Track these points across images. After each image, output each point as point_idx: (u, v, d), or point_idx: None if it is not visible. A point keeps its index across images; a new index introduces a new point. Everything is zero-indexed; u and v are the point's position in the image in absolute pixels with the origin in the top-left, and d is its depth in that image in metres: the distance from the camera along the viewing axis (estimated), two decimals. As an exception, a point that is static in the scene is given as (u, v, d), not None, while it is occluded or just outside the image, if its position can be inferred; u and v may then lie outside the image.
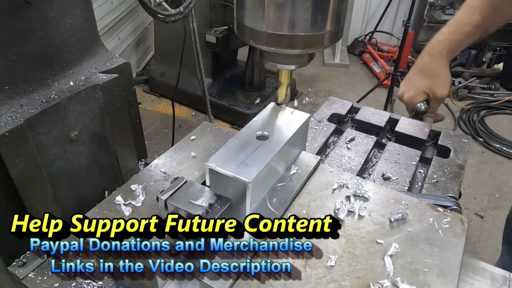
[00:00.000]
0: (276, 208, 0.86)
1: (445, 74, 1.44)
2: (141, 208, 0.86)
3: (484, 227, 3.05)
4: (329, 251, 0.78)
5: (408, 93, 1.47)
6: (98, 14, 3.32)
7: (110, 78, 1.25)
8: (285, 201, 0.87)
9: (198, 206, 0.77)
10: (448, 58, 1.42)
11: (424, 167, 1.38)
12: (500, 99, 4.43)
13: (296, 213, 0.86)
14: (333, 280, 0.73)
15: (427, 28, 5.45)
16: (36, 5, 1.04)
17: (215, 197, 0.80)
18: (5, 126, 1.01)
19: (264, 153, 0.85)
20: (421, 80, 1.44)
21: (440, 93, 1.44)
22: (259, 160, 0.83)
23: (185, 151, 1.05)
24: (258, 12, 0.81)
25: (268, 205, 0.86)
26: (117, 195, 0.88)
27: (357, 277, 0.73)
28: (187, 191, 0.80)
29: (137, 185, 0.91)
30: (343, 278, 0.73)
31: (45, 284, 1.14)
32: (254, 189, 0.80)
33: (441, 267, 0.75)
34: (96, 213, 0.84)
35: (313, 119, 1.52)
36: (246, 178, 0.78)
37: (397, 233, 0.83)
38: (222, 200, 0.80)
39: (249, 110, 3.82)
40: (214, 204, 0.79)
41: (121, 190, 0.91)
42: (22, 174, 1.07)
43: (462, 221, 0.86)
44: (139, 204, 0.86)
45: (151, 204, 0.87)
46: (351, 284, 0.72)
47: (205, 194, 0.79)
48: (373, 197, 0.91)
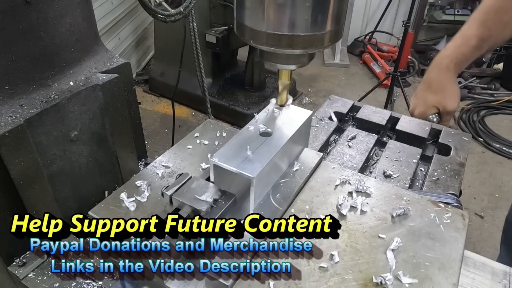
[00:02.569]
0: (279, 203, 0.87)
1: (453, 87, 1.46)
2: (146, 204, 0.87)
3: (484, 227, 3.05)
4: (332, 245, 0.79)
5: (418, 109, 1.50)
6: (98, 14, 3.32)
7: (110, 78, 1.25)
8: (288, 197, 0.88)
9: (203, 201, 0.78)
10: (456, 71, 1.44)
11: (425, 165, 1.38)
12: (500, 99, 4.43)
13: (299, 208, 0.87)
14: (336, 274, 0.74)
15: (427, 28, 5.46)
16: (36, 5, 1.04)
17: (219, 193, 0.81)
18: (5, 126, 1.01)
19: (267, 149, 0.86)
20: (430, 95, 1.47)
21: (450, 107, 1.46)
22: (262, 156, 0.84)
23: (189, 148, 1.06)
24: (258, 12, 0.81)
25: (271, 201, 0.87)
26: (122, 191, 0.89)
27: (360, 270, 0.74)
28: (191, 187, 0.82)
29: (142, 181, 0.92)
30: (346, 272, 0.74)
31: (45, 284, 1.14)
32: (258, 184, 0.81)
33: (442, 261, 0.76)
34: (102, 208, 0.85)
35: (314, 117, 1.52)
36: (250, 174, 0.79)
37: (399, 228, 0.84)
38: (226, 195, 0.81)
39: (249, 110, 3.82)
40: (219, 199, 0.80)
41: (126, 186, 0.91)
42: (22, 174, 1.07)
43: (463, 216, 0.87)
44: (145, 199, 0.87)
45: (156, 200, 0.87)
46: (354, 278, 0.73)
47: (210, 190, 0.81)
48: (375, 193, 0.92)
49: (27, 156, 1.07)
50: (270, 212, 0.84)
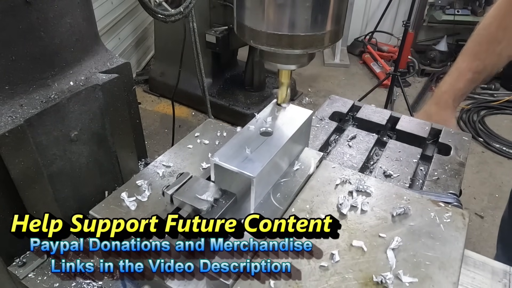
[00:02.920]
0: (280, 203, 0.87)
1: (452, 121, 1.55)
2: (147, 203, 0.87)
3: (484, 227, 3.05)
4: (332, 244, 0.79)
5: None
6: (98, 14, 3.32)
7: (110, 78, 1.25)
8: (288, 196, 0.89)
9: (204, 201, 0.78)
10: (455, 106, 1.53)
11: (425, 164, 1.38)
12: (500, 99, 4.43)
13: (299, 208, 0.87)
14: (337, 273, 0.74)
15: (427, 28, 5.46)
16: (36, 5, 1.04)
17: (220, 192, 0.81)
18: (5, 126, 1.01)
19: (268, 149, 0.87)
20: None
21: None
22: (263, 155, 0.84)
23: (190, 147, 1.06)
24: (258, 12, 0.81)
25: (272, 200, 0.87)
26: (123, 191, 0.89)
27: (360, 269, 0.74)
28: (192, 186, 0.82)
29: (143, 180, 0.92)
30: (347, 271, 0.74)
31: (45, 284, 1.14)
32: (259, 184, 0.82)
33: (443, 260, 0.77)
34: (103, 207, 0.85)
35: (314, 117, 1.52)
36: (251, 173, 0.79)
37: (399, 227, 0.84)
38: (227, 195, 0.82)
39: (249, 110, 3.82)
40: (219, 199, 0.80)
41: (127, 185, 0.91)
42: (22, 174, 1.07)
43: (463, 215, 0.87)
44: (145, 199, 0.87)
45: (156, 199, 0.88)
46: (354, 277, 0.73)
47: (210, 189, 0.81)
48: (375, 192, 0.92)
49: (27, 156, 1.07)
50: (271, 211, 0.84)
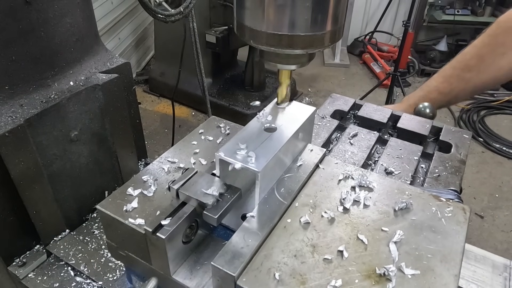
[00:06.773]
0: (284, 197, 0.88)
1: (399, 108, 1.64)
2: (153, 198, 0.88)
3: (484, 227, 3.05)
4: (336, 238, 0.80)
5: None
6: (98, 14, 3.33)
7: (110, 78, 1.25)
8: (292, 191, 0.90)
9: (209, 195, 0.79)
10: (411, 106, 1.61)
11: (426, 162, 1.39)
12: (500, 99, 4.43)
13: (303, 202, 0.88)
14: (340, 266, 0.74)
15: (427, 28, 5.46)
16: (36, 5, 1.04)
17: (225, 187, 0.82)
18: (5, 126, 1.01)
19: (272, 144, 0.88)
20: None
21: None
22: (267, 150, 0.85)
23: (194, 143, 1.08)
24: (258, 12, 0.81)
25: (276, 195, 0.88)
26: (129, 186, 0.90)
27: (363, 262, 0.75)
28: (197, 181, 0.83)
29: (149, 175, 0.93)
30: (350, 264, 0.75)
31: (45, 284, 1.15)
32: (263, 178, 0.83)
33: (444, 253, 0.77)
34: (110, 202, 0.86)
35: (316, 115, 1.53)
36: (256, 168, 0.80)
37: (401, 221, 0.84)
38: (232, 189, 0.83)
39: (249, 110, 3.83)
40: (224, 193, 0.81)
41: (133, 180, 0.92)
42: (22, 174, 1.07)
43: (464, 210, 0.87)
44: (151, 194, 0.89)
45: (162, 194, 0.89)
46: (357, 269, 0.74)
47: (215, 184, 0.82)
48: (377, 187, 0.93)
49: (27, 156, 1.07)
50: (275, 206, 0.85)
